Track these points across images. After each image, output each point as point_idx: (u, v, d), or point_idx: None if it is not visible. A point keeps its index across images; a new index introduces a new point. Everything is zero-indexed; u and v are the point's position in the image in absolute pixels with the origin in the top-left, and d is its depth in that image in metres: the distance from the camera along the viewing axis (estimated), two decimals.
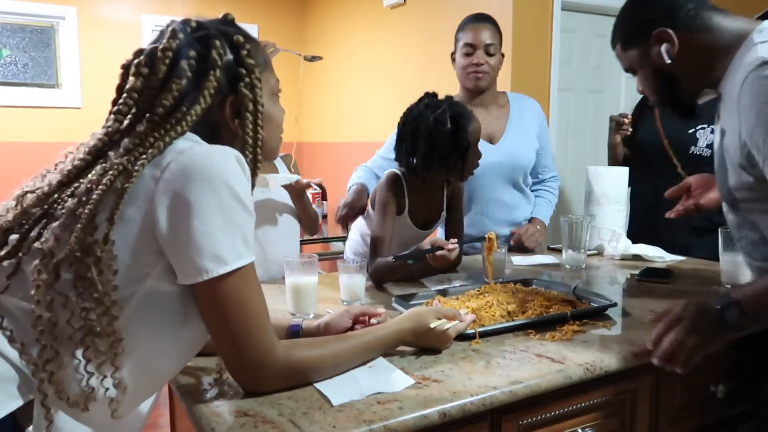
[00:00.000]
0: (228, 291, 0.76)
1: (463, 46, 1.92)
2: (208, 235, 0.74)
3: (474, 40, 1.90)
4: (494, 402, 0.87)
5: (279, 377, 0.84)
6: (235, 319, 0.78)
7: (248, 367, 0.81)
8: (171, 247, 0.74)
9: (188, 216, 0.73)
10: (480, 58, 1.90)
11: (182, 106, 0.80)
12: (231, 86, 0.84)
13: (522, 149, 2.00)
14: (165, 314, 0.78)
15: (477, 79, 1.92)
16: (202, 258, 0.74)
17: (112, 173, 0.75)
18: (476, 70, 1.91)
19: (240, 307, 0.78)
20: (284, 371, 0.84)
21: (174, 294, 0.78)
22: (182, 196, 0.74)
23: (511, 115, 2.03)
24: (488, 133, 1.96)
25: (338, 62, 4.64)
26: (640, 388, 1.08)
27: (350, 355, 0.92)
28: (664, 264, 1.76)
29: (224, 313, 0.77)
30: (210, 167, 0.75)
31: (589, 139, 3.46)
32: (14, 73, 4.18)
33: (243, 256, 0.77)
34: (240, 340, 0.79)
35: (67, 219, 0.74)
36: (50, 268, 0.71)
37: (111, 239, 0.73)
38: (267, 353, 0.81)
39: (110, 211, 0.73)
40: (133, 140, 0.78)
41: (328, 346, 0.90)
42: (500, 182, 1.98)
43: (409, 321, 1.00)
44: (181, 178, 0.74)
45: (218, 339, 0.80)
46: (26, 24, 4.20)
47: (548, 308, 1.22)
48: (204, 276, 0.75)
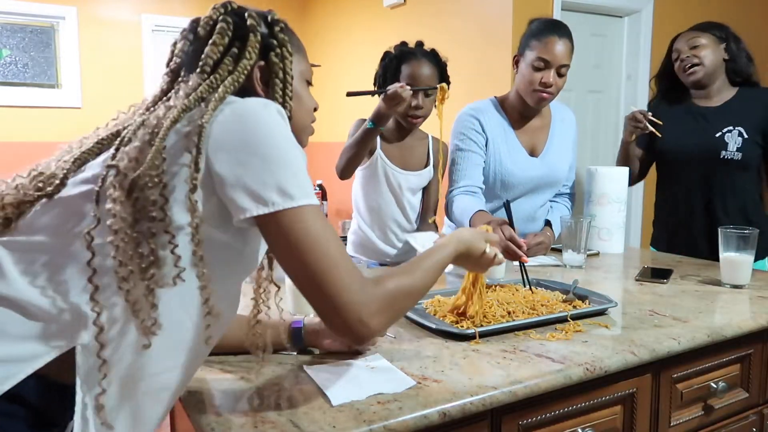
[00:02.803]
0: (301, 227, 0.74)
1: (536, 59, 1.71)
2: (273, 171, 0.73)
3: (550, 56, 1.70)
4: (494, 402, 0.87)
5: (382, 311, 0.80)
6: (315, 259, 0.75)
7: (349, 313, 0.77)
8: (229, 184, 0.73)
9: (248, 154, 0.73)
10: (551, 78, 1.71)
11: (228, 60, 0.82)
12: (262, 55, 0.86)
13: (561, 163, 1.91)
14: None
15: (541, 99, 1.76)
16: (267, 191, 0.73)
17: (178, 109, 0.76)
18: (544, 90, 1.73)
19: (318, 246, 0.75)
20: (384, 304, 0.80)
21: (215, 241, 0.77)
22: (239, 135, 0.74)
23: (553, 126, 1.92)
24: (530, 144, 1.87)
25: (338, 62, 4.64)
26: (640, 388, 1.08)
27: (431, 275, 0.91)
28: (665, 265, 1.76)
29: (301, 252, 0.75)
30: (263, 111, 0.76)
31: (589, 139, 3.46)
32: (14, 73, 4.19)
33: (309, 195, 0.76)
34: (327, 281, 0.75)
35: (140, 144, 0.74)
36: (124, 186, 0.72)
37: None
38: (360, 291, 0.77)
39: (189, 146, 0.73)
40: (188, 88, 0.79)
41: (412, 270, 0.89)
42: (534, 195, 1.90)
43: (465, 244, 1.01)
44: (236, 121, 0.74)
45: (305, 287, 0.77)
46: (26, 24, 4.20)
47: (548, 308, 1.22)
48: (270, 208, 0.73)
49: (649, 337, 1.10)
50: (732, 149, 1.88)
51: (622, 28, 3.63)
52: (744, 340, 1.23)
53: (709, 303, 1.35)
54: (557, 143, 1.90)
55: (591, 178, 1.97)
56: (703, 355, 1.17)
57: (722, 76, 1.95)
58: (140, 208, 0.72)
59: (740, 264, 1.48)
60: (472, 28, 3.34)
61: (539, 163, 1.87)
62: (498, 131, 1.84)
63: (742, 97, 1.94)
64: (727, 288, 1.48)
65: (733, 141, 1.88)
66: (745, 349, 1.25)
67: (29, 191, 0.79)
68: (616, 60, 3.65)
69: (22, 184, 0.80)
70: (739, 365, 1.26)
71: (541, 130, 1.90)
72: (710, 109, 1.95)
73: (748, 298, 1.40)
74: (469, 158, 1.82)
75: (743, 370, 1.27)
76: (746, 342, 1.24)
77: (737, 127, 1.88)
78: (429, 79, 1.78)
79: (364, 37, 4.22)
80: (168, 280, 0.73)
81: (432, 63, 1.79)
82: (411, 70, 1.77)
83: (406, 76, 1.77)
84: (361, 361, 0.98)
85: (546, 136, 1.90)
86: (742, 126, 1.88)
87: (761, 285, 1.51)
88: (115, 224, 0.70)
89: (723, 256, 1.51)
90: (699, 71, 1.91)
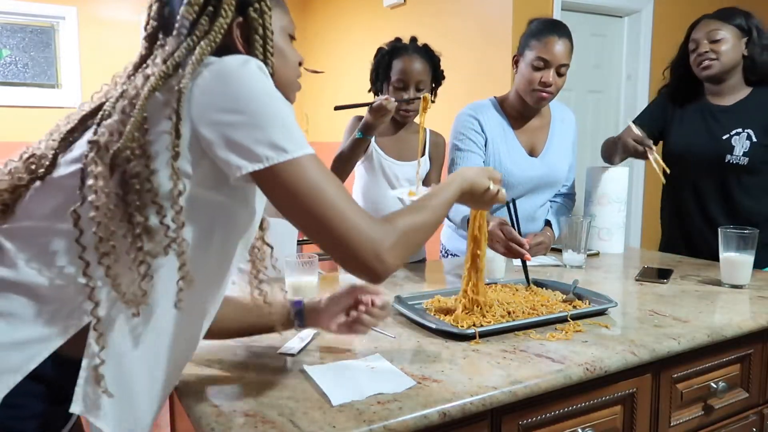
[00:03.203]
0: (299, 178, 0.74)
1: (535, 59, 1.72)
2: (262, 127, 0.73)
3: (550, 56, 1.70)
4: (494, 402, 0.87)
5: (397, 247, 0.81)
6: (319, 206, 0.75)
7: (364, 251, 0.77)
8: (219, 146, 0.73)
9: (234, 113, 0.72)
10: (550, 77, 1.71)
11: (205, 20, 0.80)
12: (240, 11, 0.83)
13: (561, 163, 1.90)
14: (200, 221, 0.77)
15: (541, 99, 1.76)
16: (260, 147, 0.72)
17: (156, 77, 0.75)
18: (543, 90, 1.74)
19: (319, 193, 0.75)
20: (398, 240, 0.81)
21: (211, 202, 0.77)
22: (222, 97, 0.73)
23: (552, 126, 1.91)
24: (530, 144, 1.87)
25: (338, 62, 4.64)
26: (640, 388, 1.08)
27: (439, 212, 0.93)
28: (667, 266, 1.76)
29: (304, 203, 0.75)
30: (242, 68, 0.74)
31: (588, 139, 3.46)
32: (14, 73, 4.19)
33: (303, 146, 0.75)
34: (335, 225, 0.76)
35: (120, 116, 0.74)
36: (106, 161, 0.72)
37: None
38: (372, 229, 0.78)
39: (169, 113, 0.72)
40: (165, 54, 0.78)
41: (420, 208, 0.90)
42: (534, 195, 1.89)
43: (468, 181, 1.02)
44: (216, 82, 0.73)
45: (315, 236, 0.77)
46: (26, 24, 4.20)
47: (548, 308, 1.23)
48: (265, 163, 0.72)
49: (649, 337, 1.10)
50: (738, 153, 1.79)
51: (622, 28, 3.63)
52: (744, 340, 1.23)
53: (709, 303, 1.35)
54: (557, 143, 1.90)
55: (591, 178, 1.97)
56: (703, 355, 1.17)
57: (738, 74, 1.85)
58: (126, 181, 0.72)
59: (740, 264, 1.48)
60: (472, 27, 3.34)
61: (539, 163, 1.86)
62: (497, 131, 1.84)
63: (756, 97, 1.84)
64: (727, 288, 1.48)
65: (740, 145, 1.79)
66: (745, 349, 1.25)
67: (22, 175, 0.79)
68: (616, 60, 3.65)
69: (16, 168, 0.80)
70: (739, 365, 1.26)
71: (540, 129, 1.90)
72: (721, 108, 1.87)
73: (748, 298, 1.40)
74: (468, 158, 1.82)
75: (743, 370, 1.27)
76: (746, 342, 1.24)
77: (747, 130, 1.79)
78: (420, 74, 1.79)
79: (364, 37, 4.22)
80: (160, 250, 0.73)
81: (424, 58, 1.80)
82: (402, 65, 1.78)
83: (397, 71, 1.78)
84: (361, 361, 0.98)
85: (546, 136, 1.90)
86: (752, 128, 1.79)
87: (761, 285, 1.51)
88: (97, 200, 0.71)
89: (723, 256, 1.51)
90: (715, 66, 1.80)
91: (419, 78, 1.79)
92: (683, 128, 1.92)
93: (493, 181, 1.06)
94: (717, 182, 1.85)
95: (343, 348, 1.05)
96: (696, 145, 1.87)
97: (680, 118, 1.93)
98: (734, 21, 1.80)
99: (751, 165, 1.79)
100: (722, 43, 1.79)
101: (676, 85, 1.98)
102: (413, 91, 1.79)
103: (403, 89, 1.79)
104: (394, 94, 1.79)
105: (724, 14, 1.83)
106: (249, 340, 1.09)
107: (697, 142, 1.87)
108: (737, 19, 1.80)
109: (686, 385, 1.17)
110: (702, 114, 1.89)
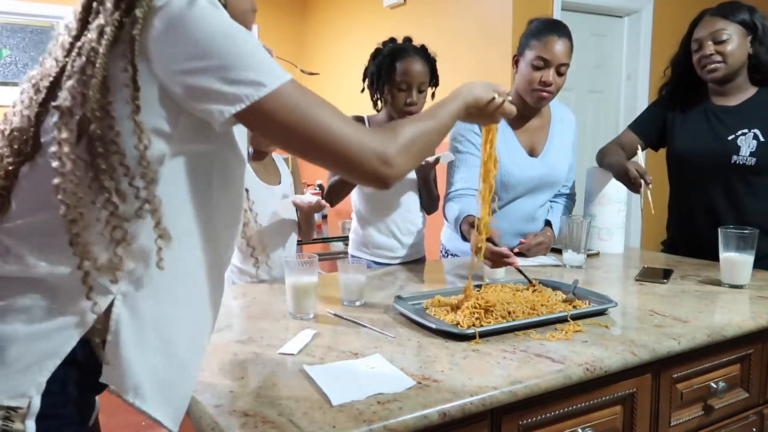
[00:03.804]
0: (284, 108, 0.73)
1: (535, 59, 1.72)
2: (232, 67, 0.70)
3: (550, 55, 1.70)
4: (494, 402, 0.87)
5: (402, 150, 0.82)
6: (311, 129, 0.74)
7: (369, 156, 0.78)
8: (194, 98, 0.71)
9: (199, 60, 0.70)
10: (550, 77, 1.72)
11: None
12: None
13: (561, 163, 1.90)
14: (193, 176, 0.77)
15: (542, 98, 1.76)
16: (236, 87, 0.70)
17: (111, 27, 0.71)
18: (543, 89, 1.74)
19: (309, 117, 0.74)
20: (403, 143, 0.82)
21: (201, 153, 0.77)
22: (181, 47, 0.70)
23: (553, 126, 1.90)
24: (530, 144, 1.86)
25: (338, 62, 4.64)
26: (640, 388, 1.08)
27: (443, 121, 0.94)
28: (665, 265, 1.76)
29: (295, 130, 0.74)
30: (193, 10, 0.70)
31: (589, 139, 3.46)
32: (14, 73, 4.19)
33: (279, 75, 0.73)
34: (331, 142, 0.75)
35: (80, 77, 0.70)
36: (71, 126, 0.70)
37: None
38: (371, 136, 0.79)
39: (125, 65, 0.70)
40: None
41: (424, 117, 0.91)
42: (534, 195, 1.89)
43: (471, 94, 1.02)
44: (171, 32, 0.70)
45: (315, 156, 0.77)
46: (26, 24, 4.20)
47: (548, 308, 1.23)
48: (246, 101, 0.71)
49: (649, 337, 1.10)
50: (744, 154, 1.75)
51: (622, 28, 3.63)
52: (744, 340, 1.23)
53: (709, 303, 1.35)
54: (557, 143, 1.90)
55: (591, 179, 1.97)
56: (703, 355, 1.17)
57: (744, 73, 1.79)
58: (92, 144, 0.70)
59: (740, 264, 1.48)
60: (472, 27, 3.34)
61: (539, 163, 1.86)
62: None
63: (762, 96, 1.79)
64: (727, 288, 1.48)
65: (747, 145, 1.75)
66: (745, 349, 1.25)
67: (10, 158, 0.76)
68: (616, 60, 3.65)
69: (2, 151, 0.77)
70: (739, 365, 1.26)
71: (540, 129, 1.90)
72: (726, 108, 1.81)
73: (748, 298, 1.40)
74: (466, 161, 1.82)
75: (743, 370, 1.27)
76: (746, 342, 1.24)
77: (753, 130, 1.75)
78: (422, 75, 1.82)
79: (364, 37, 4.22)
80: (132, 212, 0.72)
81: (424, 59, 1.83)
82: (405, 67, 1.80)
83: (400, 73, 1.80)
84: (361, 361, 0.98)
85: (546, 136, 1.90)
86: (758, 128, 1.74)
87: (761, 285, 1.51)
88: (61, 167, 0.69)
89: (723, 256, 1.51)
90: (721, 70, 1.74)
91: (421, 80, 1.81)
92: (687, 130, 1.87)
93: (498, 93, 1.06)
94: (723, 184, 1.80)
95: (343, 348, 1.05)
96: (701, 147, 1.83)
97: (683, 121, 1.89)
98: (738, 17, 1.72)
99: (758, 165, 1.74)
100: (728, 43, 1.71)
101: (676, 84, 1.93)
102: (415, 93, 1.82)
103: (406, 91, 1.80)
104: (397, 95, 1.81)
105: (728, 10, 1.74)
106: (249, 340, 1.09)
107: (701, 144, 1.83)
108: (741, 15, 1.72)
109: (686, 385, 1.17)
110: (706, 115, 1.85)
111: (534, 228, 1.92)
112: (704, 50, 1.75)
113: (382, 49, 1.86)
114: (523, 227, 1.89)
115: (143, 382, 0.74)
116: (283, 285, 1.33)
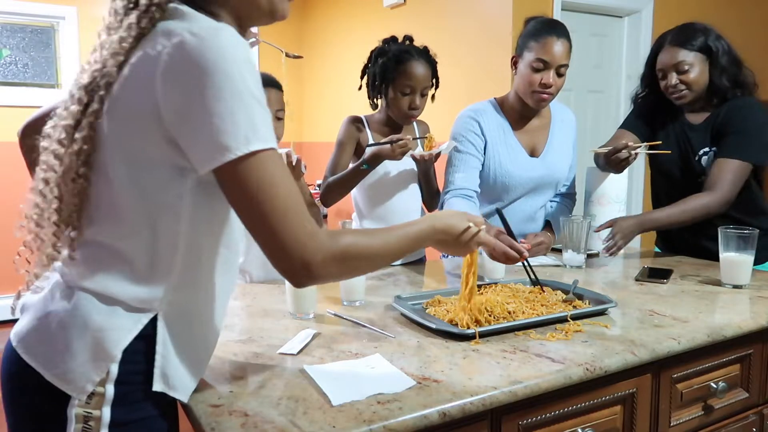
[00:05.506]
0: (249, 176, 0.73)
1: (534, 61, 1.71)
2: (214, 124, 0.70)
3: (549, 57, 1.69)
4: (494, 402, 0.87)
5: (329, 262, 0.78)
6: (262, 204, 0.74)
7: (293, 254, 0.76)
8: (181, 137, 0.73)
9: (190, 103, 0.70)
10: (550, 78, 1.71)
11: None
12: None
13: (561, 163, 1.90)
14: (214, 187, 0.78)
15: (541, 100, 1.75)
16: (214, 143, 0.71)
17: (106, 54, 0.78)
18: (543, 91, 1.73)
19: (265, 191, 0.74)
20: (333, 256, 0.79)
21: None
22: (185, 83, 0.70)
23: (553, 126, 1.90)
24: (530, 145, 1.87)
25: (338, 62, 4.64)
26: (640, 388, 1.08)
27: (395, 244, 0.89)
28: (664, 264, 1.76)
29: (248, 199, 0.74)
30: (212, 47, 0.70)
31: (589, 139, 3.46)
32: (14, 73, 4.19)
33: (251, 142, 0.72)
34: (273, 224, 0.75)
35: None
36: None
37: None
38: (309, 236, 0.76)
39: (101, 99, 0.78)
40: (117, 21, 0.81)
41: (375, 234, 0.88)
42: (534, 196, 1.89)
43: (442, 221, 0.98)
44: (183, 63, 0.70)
45: (252, 229, 0.77)
46: (26, 24, 4.20)
47: (548, 308, 1.23)
48: (214, 163, 0.71)
49: (649, 337, 1.10)
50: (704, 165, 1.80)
51: (622, 28, 3.63)
52: (744, 340, 1.23)
53: (709, 303, 1.35)
54: (557, 143, 1.90)
55: (591, 179, 1.97)
56: (703, 355, 1.17)
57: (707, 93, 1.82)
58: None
59: (740, 264, 1.48)
60: (473, 27, 3.34)
61: (539, 164, 1.86)
62: (497, 132, 1.84)
63: (718, 113, 1.80)
64: (727, 288, 1.48)
65: (708, 165, 1.78)
66: (745, 349, 1.25)
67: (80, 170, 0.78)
68: (616, 60, 3.65)
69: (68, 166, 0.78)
70: (739, 365, 1.26)
71: (540, 130, 1.90)
72: (693, 126, 1.85)
73: (748, 298, 1.40)
74: (466, 161, 1.82)
75: (743, 370, 1.27)
76: (746, 342, 1.24)
77: (713, 149, 1.79)
78: (426, 79, 1.83)
79: (365, 37, 4.22)
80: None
81: (426, 62, 1.84)
82: (410, 71, 1.80)
83: (405, 77, 1.81)
84: (361, 361, 0.98)
85: (546, 137, 1.89)
86: (717, 147, 1.78)
87: (761, 285, 1.51)
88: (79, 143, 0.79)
89: (723, 256, 1.51)
90: (687, 96, 1.79)
91: (425, 84, 1.83)
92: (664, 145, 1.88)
93: (474, 223, 1.02)
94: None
95: (343, 348, 1.05)
96: (674, 165, 1.88)
97: (660, 132, 1.92)
98: (696, 45, 1.75)
99: None
100: (690, 72, 1.75)
101: (649, 98, 1.97)
102: (418, 97, 1.84)
103: (410, 95, 1.82)
104: (400, 99, 1.82)
105: (685, 38, 1.77)
106: (249, 340, 1.09)
107: (674, 163, 1.88)
108: (698, 42, 1.75)
109: (686, 385, 1.17)
110: (676, 135, 1.88)
111: (534, 228, 1.92)
112: (669, 80, 1.79)
113: (384, 49, 1.86)
114: (523, 227, 1.89)
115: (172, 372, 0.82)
116: (283, 285, 1.33)
